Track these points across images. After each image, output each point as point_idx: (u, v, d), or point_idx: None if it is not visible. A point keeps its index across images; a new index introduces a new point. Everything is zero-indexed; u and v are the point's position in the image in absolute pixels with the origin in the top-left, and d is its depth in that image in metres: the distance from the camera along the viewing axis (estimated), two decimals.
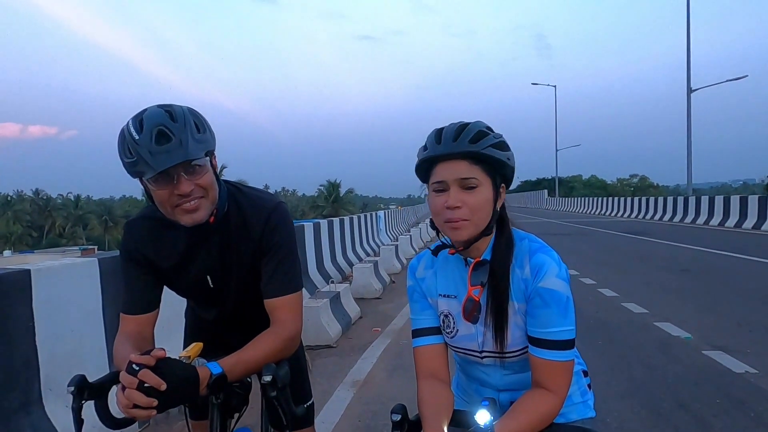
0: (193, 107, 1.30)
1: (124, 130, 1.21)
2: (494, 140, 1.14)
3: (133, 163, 1.19)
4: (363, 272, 7.63)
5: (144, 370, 1.03)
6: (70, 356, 2.85)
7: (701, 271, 8.52)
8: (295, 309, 1.40)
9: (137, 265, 1.41)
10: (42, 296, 2.68)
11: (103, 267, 3.15)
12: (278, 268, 1.39)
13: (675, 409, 3.25)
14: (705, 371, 3.93)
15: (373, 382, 3.99)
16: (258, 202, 1.43)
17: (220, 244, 1.41)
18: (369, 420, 3.28)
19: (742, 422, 3.04)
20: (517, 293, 1.17)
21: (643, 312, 5.81)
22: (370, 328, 5.70)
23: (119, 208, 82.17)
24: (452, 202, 1.12)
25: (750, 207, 16.62)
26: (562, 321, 1.13)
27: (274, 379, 1.19)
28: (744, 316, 5.50)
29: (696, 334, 4.87)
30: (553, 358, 1.12)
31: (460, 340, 1.25)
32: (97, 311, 3.10)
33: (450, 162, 1.13)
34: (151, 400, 1.02)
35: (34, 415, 2.58)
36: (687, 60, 22.62)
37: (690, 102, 22.77)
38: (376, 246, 12.43)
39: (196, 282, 1.46)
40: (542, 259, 1.15)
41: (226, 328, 1.57)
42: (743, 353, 4.26)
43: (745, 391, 3.52)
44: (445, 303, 1.27)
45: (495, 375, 1.28)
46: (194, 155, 1.21)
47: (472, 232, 1.14)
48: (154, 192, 1.25)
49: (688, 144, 22.93)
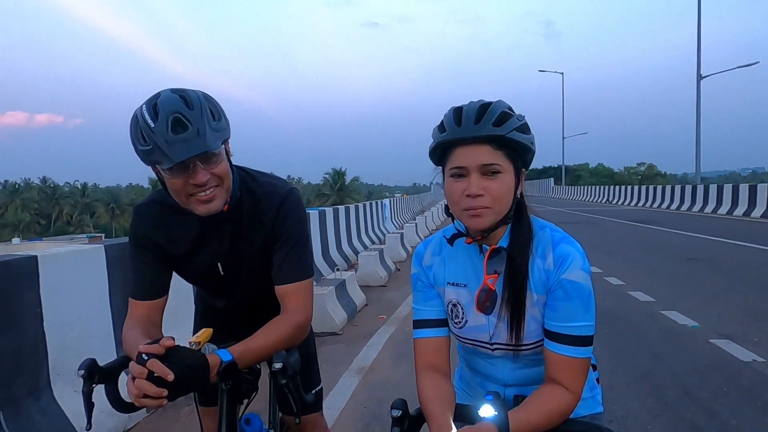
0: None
1: (138, 115, 1.17)
2: (518, 123, 1.06)
3: (149, 152, 1.16)
4: (368, 260, 7.63)
5: (152, 360, 1.01)
6: (77, 342, 2.87)
7: (709, 260, 8.45)
8: (305, 296, 1.38)
9: (147, 251, 1.39)
10: (49, 282, 2.69)
11: (109, 253, 3.16)
12: (290, 255, 1.38)
13: (681, 398, 3.23)
14: (712, 360, 3.91)
15: (378, 369, 4.01)
16: (271, 189, 1.41)
17: (231, 231, 1.39)
18: (374, 407, 3.29)
19: (749, 411, 3.03)
20: (537, 284, 1.11)
21: (649, 300, 5.78)
22: (375, 315, 5.71)
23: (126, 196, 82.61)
24: (474, 190, 1.04)
25: (759, 195, 16.45)
26: (583, 315, 1.07)
27: (285, 367, 1.18)
28: (751, 305, 5.46)
29: (703, 322, 4.84)
30: (572, 354, 1.07)
31: (469, 331, 1.19)
32: (104, 298, 3.11)
33: (471, 146, 1.05)
34: (161, 390, 1.01)
35: (43, 400, 2.61)
36: (697, 46, 22.27)
37: (699, 89, 22.47)
38: (381, 234, 12.43)
39: (207, 269, 1.44)
40: (567, 249, 1.09)
41: (237, 316, 1.56)
42: (751, 342, 4.23)
43: (752, 379, 3.49)
44: (453, 292, 1.20)
45: (504, 369, 1.22)
46: (212, 146, 1.18)
47: (493, 220, 1.07)
48: (168, 181, 1.22)
49: (697, 132, 22.67)
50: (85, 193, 76.62)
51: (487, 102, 1.09)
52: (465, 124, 1.05)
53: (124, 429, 2.98)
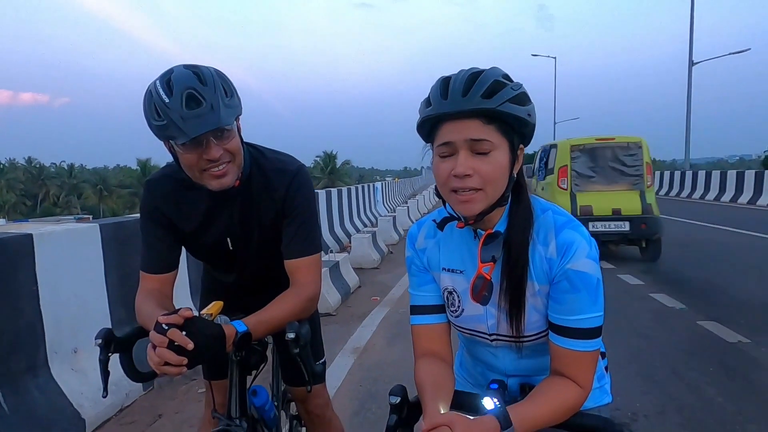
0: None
1: (152, 91, 1.19)
2: (512, 93, 0.94)
3: (163, 127, 1.18)
4: (361, 242, 7.66)
5: (173, 330, 1.05)
6: (73, 321, 2.87)
7: (696, 245, 8.60)
8: (315, 270, 1.41)
9: (158, 225, 1.41)
10: (45, 261, 2.68)
11: (104, 233, 3.15)
12: (299, 231, 1.40)
13: (669, 377, 3.32)
14: (699, 341, 4.01)
15: (373, 350, 4.05)
16: (280, 166, 1.43)
17: (241, 206, 1.42)
18: (370, 386, 3.34)
19: (735, 390, 3.12)
20: (538, 273, 1.01)
21: (639, 284, 5.88)
22: (368, 297, 5.75)
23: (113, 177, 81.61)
24: (461, 170, 0.93)
25: (746, 182, 16.67)
26: (591, 307, 0.97)
27: (297, 337, 1.21)
28: (738, 288, 5.58)
29: (691, 305, 4.95)
30: (580, 348, 0.98)
31: (467, 321, 1.10)
32: (100, 277, 3.10)
33: (459, 121, 0.94)
34: (181, 358, 1.04)
35: (41, 378, 2.62)
36: (690, 32, 22.28)
37: (691, 75, 22.55)
38: (373, 217, 12.45)
39: (216, 244, 1.46)
40: (571, 236, 0.98)
41: (245, 291, 1.59)
42: (737, 323, 4.33)
43: (738, 359, 3.59)
44: (449, 278, 1.10)
45: (506, 359, 1.13)
46: (226, 122, 1.20)
47: (485, 204, 0.96)
48: (181, 155, 1.24)
49: (687, 118, 22.80)
50: (72, 174, 75.55)
51: (479, 70, 0.96)
52: (452, 97, 0.94)
53: (122, 406, 3.00)
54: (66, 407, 2.64)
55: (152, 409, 3.04)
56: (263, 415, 1.63)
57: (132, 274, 3.40)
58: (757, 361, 3.54)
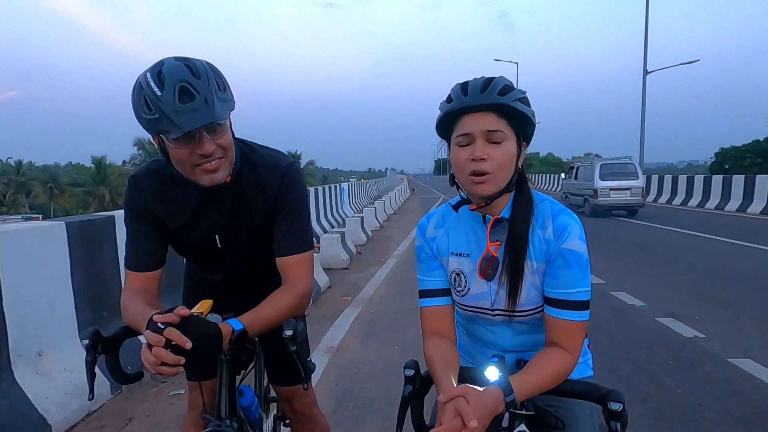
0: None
1: (142, 83, 1.15)
2: (520, 95, 1.12)
3: (155, 121, 1.14)
4: (330, 242, 7.63)
5: (170, 329, 1.02)
6: (38, 323, 2.75)
7: (652, 245, 9.00)
8: (307, 267, 1.40)
9: (144, 222, 1.37)
10: (9, 259, 2.56)
11: (70, 231, 3.02)
12: (292, 227, 1.39)
13: (632, 370, 3.48)
14: (658, 336, 4.21)
15: (346, 349, 4.05)
16: (272, 161, 1.41)
17: (231, 202, 1.39)
18: (346, 384, 3.34)
19: (693, 381, 3.30)
20: (537, 253, 1.16)
21: (600, 282, 6.10)
22: (339, 297, 5.74)
23: (65, 175, 77.90)
24: (479, 154, 1.10)
25: (696, 187, 17.57)
26: (581, 281, 1.13)
27: (295, 334, 1.21)
28: (692, 287, 5.88)
29: (649, 303, 5.18)
30: (572, 318, 1.13)
31: (472, 299, 1.24)
32: (66, 276, 2.98)
33: (477, 114, 1.11)
34: (178, 357, 1.02)
35: (4, 382, 2.50)
36: (645, 42, 23.27)
37: (645, 83, 23.55)
38: (340, 218, 12.41)
39: (204, 241, 1.43)
40: (566, 221, 1.15)
41: (233, 289, 1.55)
42: (692, 320, 4.57)
43: (695, 353, 3.79)
44: (456, 261, 1.25)
45: (504, 335, 1.27)
46: (220, 116, 1.18)
47: (495, 187, 1.12)
48: (172, 150, 1.21)
49: (642, 125, 23.78)
50: (20, 171, 71.75)
51: (491, 77, 1.15)
52: (471, 94, 1.11)
53: (90, 410, 2.90)
54: (31, 413, 2.53)
55: (122, 413, 2.94)
56: (249, 415, 1.61)
57: (99, 275, 3.28)
58: (712, 354, 3.75)
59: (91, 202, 55.58)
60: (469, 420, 0.91)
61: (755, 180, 14.83)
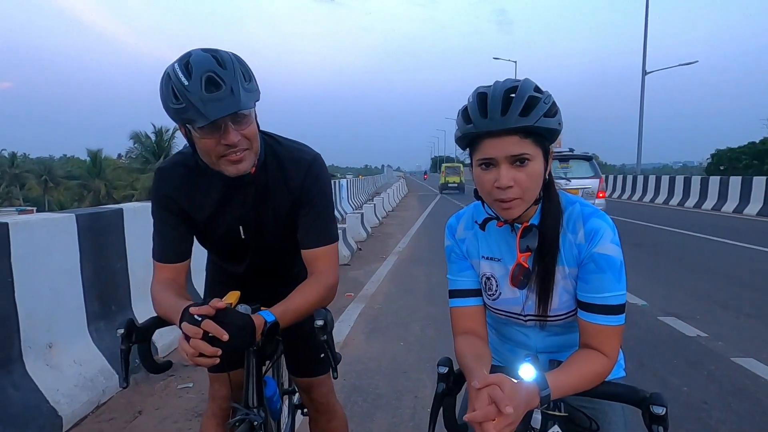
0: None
1: (170, 73, 1.17)
2: (545, 107, 1.04)
3: (182, 110, 1.15)
4: None
5: (207, 321, 1.05)
6: (48, 314, 2.74)
7: (652, 245, 9.05)
8: (333, 259, 1.42)
9: (170, 214, 1.38)
10: (20, 251, 2.55)
11: (80, 223, 3.02)
12: (317, 220, 1.40)
13: (637, 368, 3.51)
14: (661, 335, 4.24)
15: (352, 344, 4.07)
16: (297, 154, 1.42)
17: (255, 194, 1.40)
18: (354, 379, 3.35)
19: (697, 380, 3.33)
20: (568, 258, 1.13)
21: None
22: (342, 293, 5.75)
23: (60, 167, 77.47)
24: (504, 182, 1.04)
25: (692, 187, 17.67)
26: (616, 285, 1.09)
27: (325, 323, 1.23)
28: (692, 286, 5.93)
29: (651, 302, 5.22)
30: (606, 323, 1.09)
31: (503, 303, 1.22)
32: (75, 268, 2.98)
33: (498, 138, 1.03)
34: (215, 349, 1.05)
35: (15, 374, 2.49)
36: (644, 42, 23.35)
37: (644, 84, 23.64)
38: (338, 215, 12.42)
39: (228, 233, 1.44)
40: (597, 224, 1.11)
41: (255, 281, 1.57)
42: (694, 319, 4.61)
43: (698, 352, 3.83)
44: (488, 265, 1.22)
45: (536, 337, 1.25)
46: (246, 106, 1.19)
47: (523, 209, 1.09)
48: (198, 140, 1.22)
49: (640, 125, 23.89)
50: (14, 164, 71.28)
51: (513, 85, 1.06)
52: (491, 116, 1.03)
53: (99, 403, 2.90)
54: (42, 405, 2.53)
55: (131, 406, 2.95)
56: (270, 405, 1.62)
57: (107, 268, 3.28)
58: (715, 353, 3.79)
59: (86, 195, 55.27)
60: (504, 406, 0.88)
61: (752, 182, 14.93)
